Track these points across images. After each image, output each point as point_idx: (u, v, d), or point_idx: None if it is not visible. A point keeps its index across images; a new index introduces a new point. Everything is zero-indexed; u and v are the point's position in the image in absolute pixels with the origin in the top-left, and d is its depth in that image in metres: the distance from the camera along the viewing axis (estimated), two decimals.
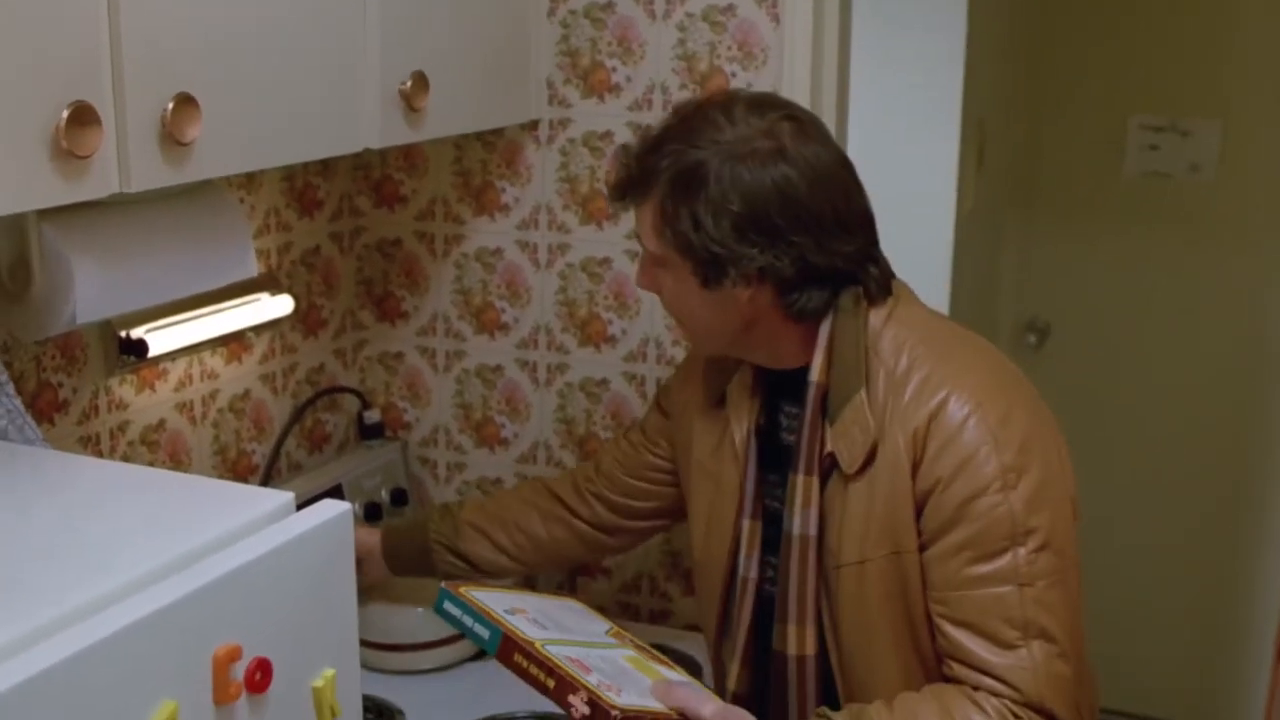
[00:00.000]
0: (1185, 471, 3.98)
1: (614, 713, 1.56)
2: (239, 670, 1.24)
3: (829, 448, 1.75)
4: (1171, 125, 3.80)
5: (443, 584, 1.76)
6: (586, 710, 1.57)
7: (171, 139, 1.57)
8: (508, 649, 1.65)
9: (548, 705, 2.23)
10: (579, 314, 2.53)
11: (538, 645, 1.65)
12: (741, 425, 1.88)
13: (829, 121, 2.33)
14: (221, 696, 1.23)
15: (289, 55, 1.78)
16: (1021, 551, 1.67)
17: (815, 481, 1.76)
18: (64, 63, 1.44)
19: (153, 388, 2.20)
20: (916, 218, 2.87)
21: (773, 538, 1.85)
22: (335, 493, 2.45)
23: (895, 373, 1.73)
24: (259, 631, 1.27)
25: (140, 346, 2.08)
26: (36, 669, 1.06)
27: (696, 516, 1.98)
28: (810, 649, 1.80)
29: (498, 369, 2.62)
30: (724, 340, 1.82)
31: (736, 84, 2.32)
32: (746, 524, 1.87)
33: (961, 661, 1.70)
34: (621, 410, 2.53)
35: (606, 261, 2.48)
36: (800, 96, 2.27)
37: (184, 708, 1.19)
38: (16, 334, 1.89)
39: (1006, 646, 1.67)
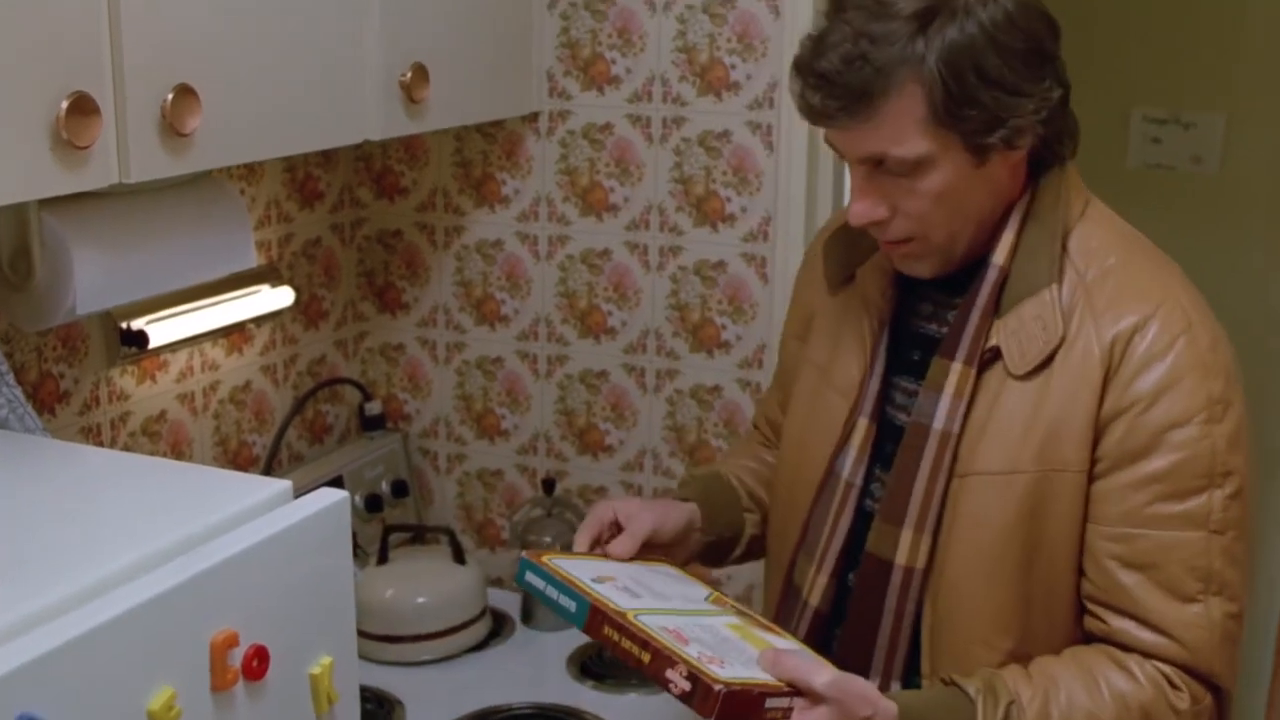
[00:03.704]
0: None
1: (717, 687, 1.39)
2: (236, 657, 1.25)
3: (993, 341, 1.58)
4: (1174, 118, 3.80)
5: (523, 553, 1.61)
6: (687, 685, 1.40)
7: (171, 130, 1.57)
8: (596, 621, 1.49)
9: (547, 697, 2.25)
10: (579, 305, 2.53)
11: (629, 615, 1.49)
12: (872, 314, 1.70)
13: None
14: (219, 683, 1.24)
15: (289, 46, 1.79)
16: (1218, 495, 1.52)
17: (972, 374, 1.59)
18: (64, 53, 1.44)
19: (154, 379, 2.20)
20: None
21: (882, 445, 1.69)
22: (336, 484, 2.46)
23: (1086, 275, 1.58)
24: (256, 618, 1.28)
25: (141, 337, 2.09)
26: (35, 654, 1.07)
27: (794, 412, 1.82)
28: (922, 561, 1.61)
29: (498, 360, 2.63)
30: (973, 234, 1.61)
31: (736, 76, 2.32)
32: (863, 423, 1.69)
33: (1122, 611, 1.54)
34: (621, 402, 2.53)
35: (606, 253, 2.48)
36: None
37: (181, 693, 1.19)
38: (18, 324, 1.90)
39: (1185, 599, 1.52)
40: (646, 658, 1.44)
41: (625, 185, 2.44)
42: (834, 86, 1.51)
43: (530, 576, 1.58)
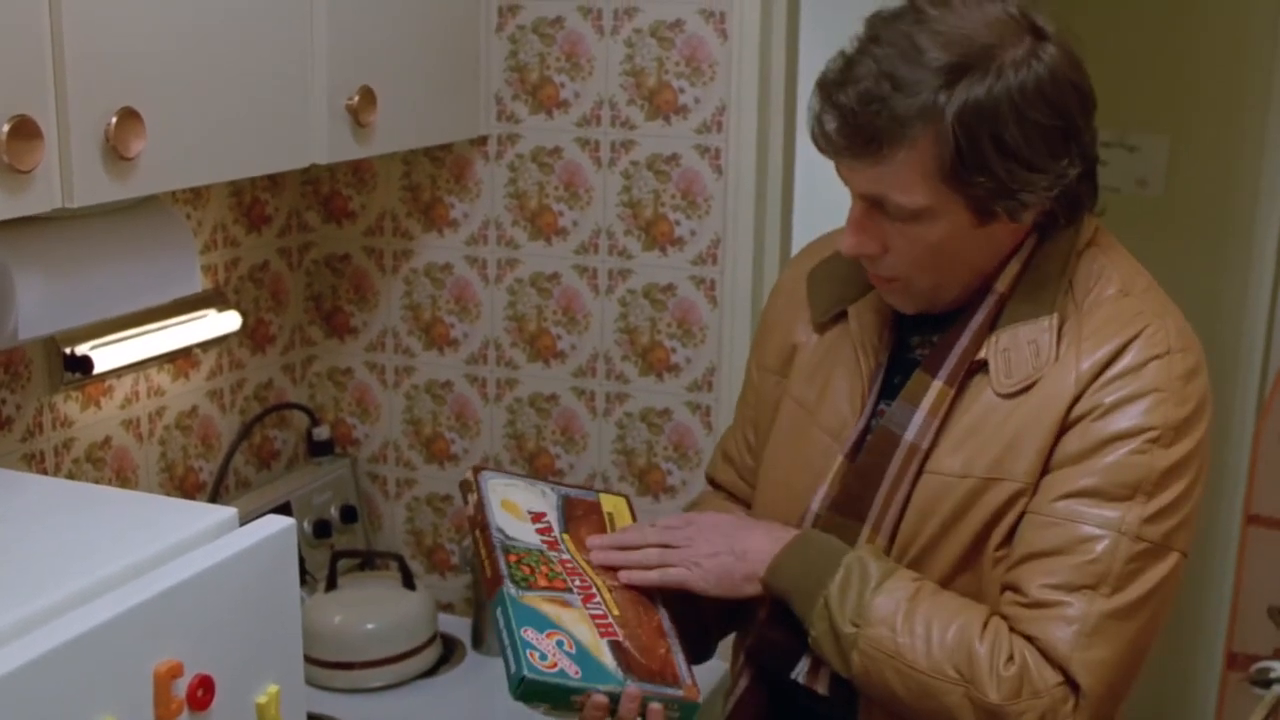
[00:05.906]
0: None
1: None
2: (181, 687, 1.24)
3: (982, 354, 1.58)
4: (1119, 140, 3.84)
5: (469, 472, 1.74)
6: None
7: (115, 153, 1.56)
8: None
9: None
10: (528, 329, 2.52)
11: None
12: (868, 356, 1.68)
13: (778, 136, 2.35)
14: (163, 713, 1.22)
15: (235, 69, 1.78)
16: (1139, 509, 1.50)
17: (951, 393, 1.59)
18: (5, 75, 1.43)
19: (98, 404, 2.18)
20: None
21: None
22: (284, 510, 2.44)
23: (1084, 304, 1.58)
24: (201, 647, 1.27)
25: (85, 363, 2.07)
26: None
27: (775, 450, 1.78)
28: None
29: (447, 384, 2.62)
30: (962, 285, 1.60)
31: (685, 100, 2.32)
32: (840, 460, 1.67)
33: (1014, 588, 1.53)
34: (571, 425, 2.53)
35: (555, 277, 2.48)
36: (748, 111, 2.28)
37: None
38: None
39: (1070, 589, 1.49)
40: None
41: (574, 209, 2.44)
42: (847, 124, 1.49)
43: (499, 611, 1.61)
